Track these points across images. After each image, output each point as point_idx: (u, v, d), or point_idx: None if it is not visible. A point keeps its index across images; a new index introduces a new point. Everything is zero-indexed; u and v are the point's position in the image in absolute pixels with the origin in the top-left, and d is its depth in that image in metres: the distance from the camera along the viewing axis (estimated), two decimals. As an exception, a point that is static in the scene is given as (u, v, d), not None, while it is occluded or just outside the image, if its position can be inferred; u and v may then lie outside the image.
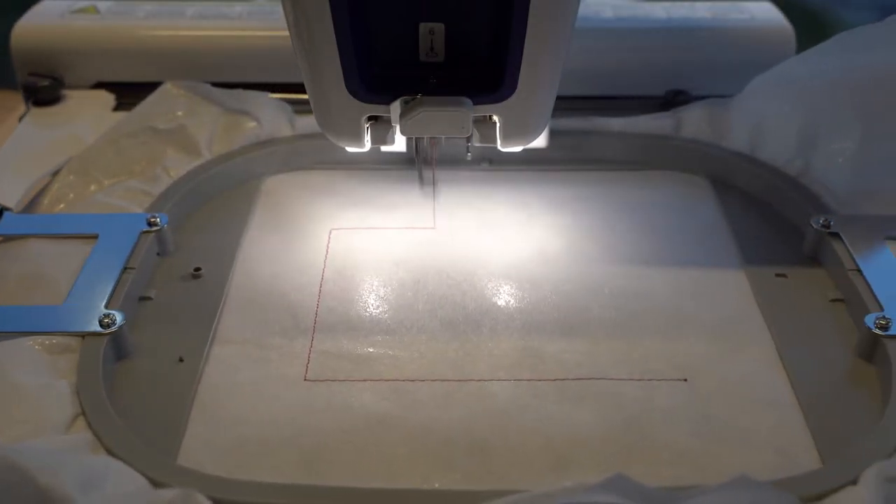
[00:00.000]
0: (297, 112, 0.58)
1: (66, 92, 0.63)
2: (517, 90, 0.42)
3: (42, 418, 0.37)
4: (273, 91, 0.60)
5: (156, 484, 0.34)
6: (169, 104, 0.57)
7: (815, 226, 0.48)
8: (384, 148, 0.46)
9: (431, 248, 0.50)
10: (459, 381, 0.41)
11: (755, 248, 0.50)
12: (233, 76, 0.61)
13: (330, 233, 0.51)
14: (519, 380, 0.41)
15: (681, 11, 0.65)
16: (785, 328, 0.44)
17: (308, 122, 0.57)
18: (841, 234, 0.47)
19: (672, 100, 0.62)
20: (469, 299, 0.46)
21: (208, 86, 0.58)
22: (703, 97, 0.59)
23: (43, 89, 0.62)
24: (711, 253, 0.50)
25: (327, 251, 0.50)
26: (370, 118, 0.45)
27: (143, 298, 0.46)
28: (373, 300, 0.46)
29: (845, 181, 0.51)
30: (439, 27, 0.43)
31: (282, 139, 0.57)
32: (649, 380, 0.41)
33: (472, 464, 0.37)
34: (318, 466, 0.37)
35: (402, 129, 0.43)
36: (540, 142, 0.49)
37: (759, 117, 0.56)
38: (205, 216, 0.53)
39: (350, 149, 0.47)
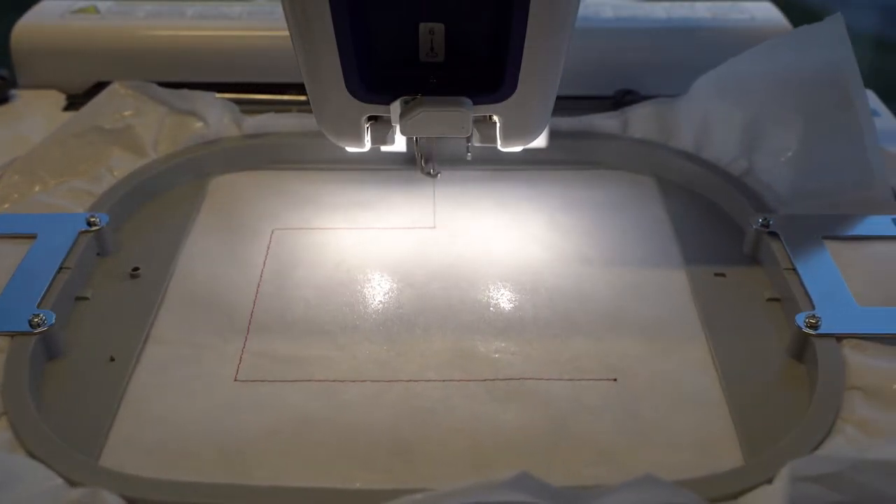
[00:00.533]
0: (251, 113, 0.58)
1: (15, 91, 0.63)
2: (517, 90, 0.43)
3: None
4: (277, 91, 0.61)
5: (73, 484, 0.34)
6: (116, 104, 0.57)
7: (754, 225, 0.49)
8: (384, 148, 0.46)
9: (371, 248, 0.50)
10: (389, 381, 0.42)
11: (697, 248, 0.50)
12: (233, 76, 0.62)
13: (272, 233, 0.51)
14: (448, 380, 0.42)
15: (681, 11, 0.66)
16: (720, 327, 0.44)
17: (255, 123, 0.57)
18: (779, 234, 0.48)
19: (621, 99, 0.62)
20: (405, 299, 0.46)
21: (156, 86, 0.58)
22: (651, 97, 0.59)
23: None
24: (653, 252, 0.50)
25: (268, 252, 0.50)
26: (370, 118, 0.45)
27: (80, 298, 0.46)
28: (309, 301, 0.46)
29: (787, 181, 0.52)
30: (439, 27, 0.43)
31: (228, 139, 0.57)
32: (579, 379, 0.42)
33: (396, 464, 0.37)
34: (239, 466, 0.37)
35: (402, 129, 0.43)
36: (540, 142, 0.49)
37: (704, 117, 0.56)
38: (148, 216, 0.53)
39: (350, 149, 0.47)
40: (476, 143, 0.46)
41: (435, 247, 0.50)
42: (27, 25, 0.64)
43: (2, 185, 0.52)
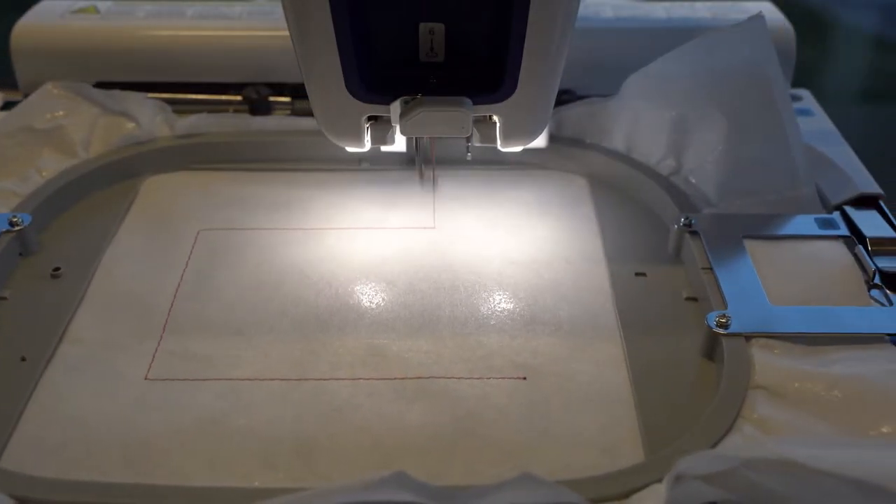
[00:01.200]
0: (183, 113, 0.58)
1: None
2: (517, 90, 0.43)
3: None
4: (278, 91, 0.61)
5: None
6: (49, 105, 0.57)
7: (677, 225, 0.49)
8: (384, 148, 0.47)
9: (294, 249, 0.50)
10: (298, 380, 0.42)
11: (622, 248, 0.50)
12: (233, 76, 0.62)
13: (198, 234, 0.51)
14: (357, 379, 0.42)
15: (681, 11, 0.65)
16: (635, 326, 0.45)
17: (187, 123, 0.57)
18: (700, 233, 0.48)
19: (558, 98, 0.62)
20: (322, 299, 0.46)
21: (89, 86, 0.58)
22: (586, 96, 0.59)
23: None
24: (578, 252, 0.50)
25: (192, 252, 0.50)
26: (370, 118, 0.45)
27: None
28: (227, 302, 0.46)
29: (713, 180, 0.52)
30: (439, 27, 0.43)
31: (159, 139, 0.57)
32: (488, 378, 0.42)
33: (297, 463, 0.37)
34: (141, 465, 0.37)
35: (401, 129, 0.43)
36: (540, 142, 0.49)
37: (634, 116, 0.56)
38: (75, 217, 0.53)
39: (350, 149, 0.47)
40: (476, 143, 0.46)
41: (354, 248, 0.50)
42: (27, 25, 0.63)
43: None
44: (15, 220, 0.48)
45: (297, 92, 0.61)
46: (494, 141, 0.46)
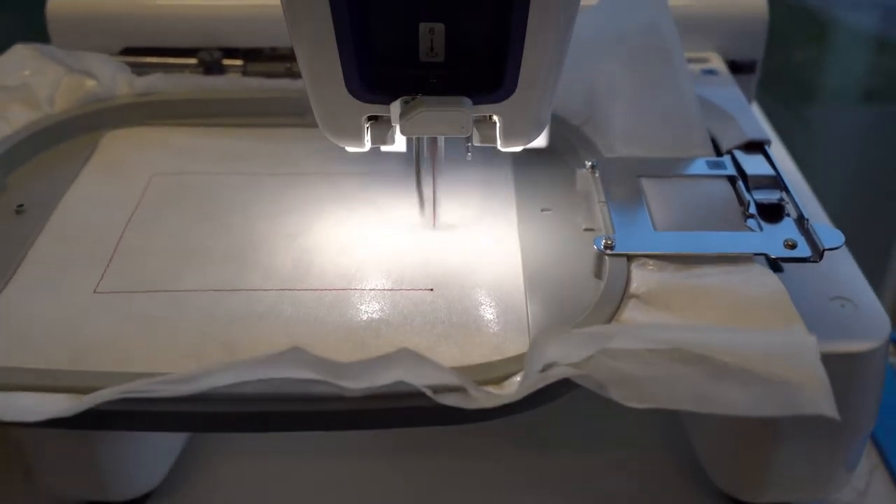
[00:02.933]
0: (138, 74, 0.63)
1: None
2: (517, 90, 0.44)
3: None
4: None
5: None
6: (18, 64, 0.62)
7: (583, 168, 0.54)
8: (384, 148, 0.48)
9: (235, 191, 0.55)
10: (230, 290, 0.47)
11: (532, 190, 0.55)
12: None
13: (150, 178, 0.56)
14: (283, 289, 0.47)
15: None
16: (535, 252, 0.49)
17: (146, 82, 0.63)
18: (601, 173, 0.53)
19: None
20: (259, 226, 0.52)
21: (54, 48, 0.63)
22: None
23: None
24: (491, 193, 0.55)
25: (144, 192, 0.55)
26: (370, 118, 0.46)
27: None
28: (173, 230, 0.51)
29: (618, 129, 0.57)
30: (439, 27, 0.44)
31: (119, 97, 0.62)
32: (398, 290, 0.47)
33: (221, 356, 0.42)
34: (82, 361, 0.42)
35: (401, 129, 0.44)
36: (540, 142, 0.50)
37: None
38: (39, 164, 0.57)
39: (350, 149, 0.48)
40: (476, 143, 0.47)
41: (294, 191, 0.55)
42: None
43: None
44: None
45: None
46: (494, 141, 0.47)
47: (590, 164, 0.54)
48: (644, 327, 0.41)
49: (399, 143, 0.49)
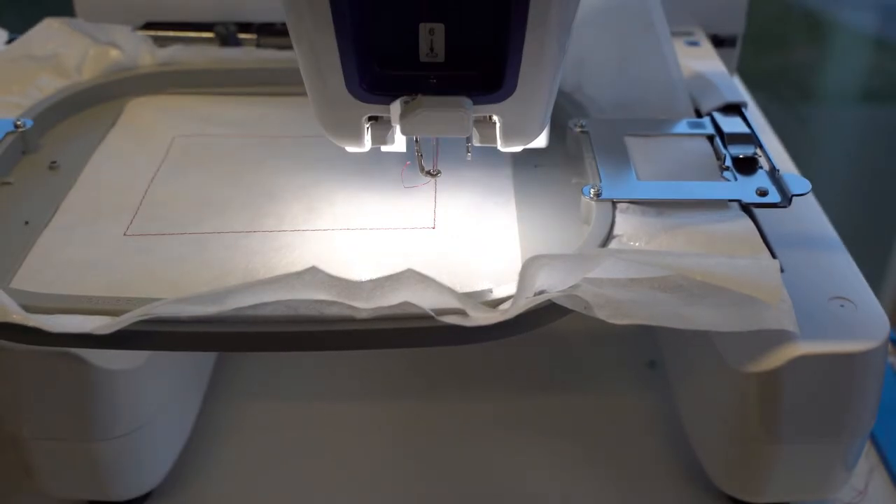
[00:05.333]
0: (163, 45, 0.66)
1: None
2: (517, 90, 0.44)
3: None
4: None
5: None
6: (47, 36, 0.65)
7: (573, 128, 0.56)
8: (384, 148, 0.48)
9: (252, 150, 0.58)
10: (249, 232, 0.49)
11: (526, 149, 0.56)
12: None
13: (173, 139, 0.59)
14: (297, 230, 0.49)
15: None
16: (528, 203, 0.52)
17: (167, 53, 0.65)
18: (590, 133, 0.55)
19: None
20: (276, 179, 0.54)
21: (81, 21, 0.67)
22: None
23: None
24: (490, 151, 0.55)
25: (168, 151, 0.58)
26: (370, 118, 0.46)
27: (3, 183, 0.53)
28: (195, 182, 0.54)
29: (606, 95, 0.60)
30: (439, 27, 0.43)
31: (142, 67, 0.65)
32: (403, 228, 0.49)
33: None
34: (122, 292, 0.44)
35: (401, 129, 0.44)
36: (540, 142, 0.50)
37: None
38: (70, 126, 0.60)
39: (350, 149, 0.48)
40: (476, 143, 0.47)
41: (307, 151, 0.57)
42: None
43: None
44: (19, 123, 0.56)
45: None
46: (494, 141, 0.47)
47: (579, 124, 0.56)
48: (627, 251, 0.44)
49: (399, 143, 0.49)
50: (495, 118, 0.46)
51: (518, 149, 0.49)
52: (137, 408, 0.49)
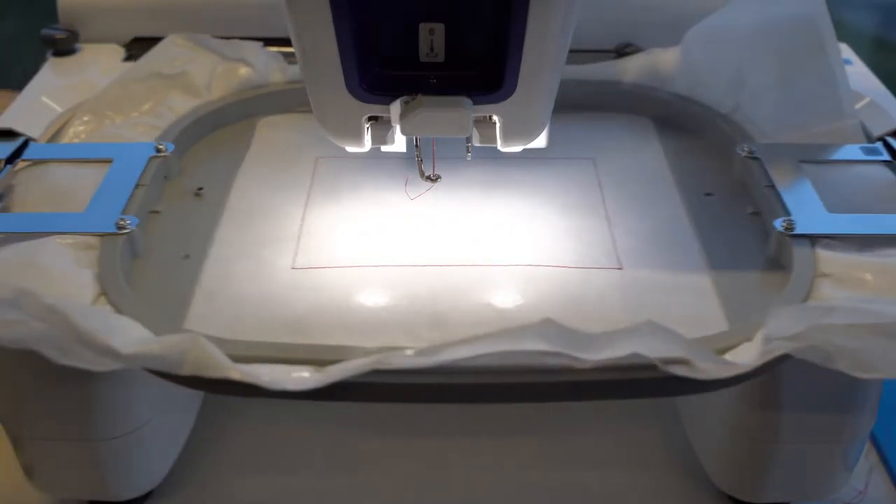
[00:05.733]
0: (290, 62, 0.65)
1: (79, 45, 0.71)
2: (517, 90, 0.44)
3: (68, 297, 0.43)
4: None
5: None
6: (172, 53, 0.64)
7: (740, 152, 0.55)
8: (384, 148, 0.48)
9: (403, 169, 0.56)
10: (424, 266, 0.48)
11: (689, 175, 0.57)
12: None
13: (316, 160, 0.59)
14: (475, 265, 0.48)
15: None
16: (708, 234, 0.52)
17: (297, 69, 0.64)
18: (761, 159, 0.55)
19: (622, 52, 0.69)
20: (441, 206, 0.53)
21: (208, 37, 0.66)
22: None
23: (60, 41, 0.70)
24: (650, 178, 0.57)
25: (314, 174, 0.57)
26: (370, 118, 0.46)
27: (153, 212, 0.53)
28: (351, 208, 0.53)
29: (768, 116, 0.59)
30: (439, 27, 0.44)
31: (274, 84, 0.64)
32: (589, 268, 0.49)
33: (434, 332, 0.44)
34: (301, 336, 0.44)
35: (401, 129, 0.45)
36: (540, 141, 0.50)
37: (695, 63, 0.63)
38: (206, 148, 0.60)
39: (350, 148, 0.48)
40: (476, 144, 0.48)
41: (457, 168, 0.56)
42: None
43: (75, 122, 0.59)
44: (160, 147, 0.56)
45: None
46: (494, 141, 0.47)
47: (747, 149, 0.55)
48: (867, 300, 0.43)
49: (399, 143, 0.49)
50: (495, 118, 0.46)
51: (518, 149, 0.49)
52: (137, 408, 0.48)
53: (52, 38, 0.70)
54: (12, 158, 0.55)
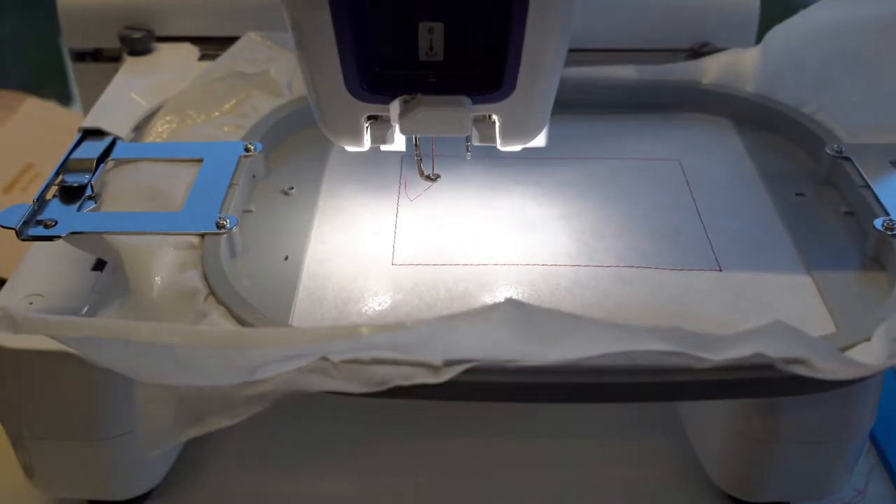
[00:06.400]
0: None
1: (155, 44, 0.71)
2: (517, 90, 0.44)
3: (176, 304, 0.44)
4: None
5: None
6: (251, 52, 0.64)
7: (829, 152, 0.55)
8: (384, 147, 0.48)
9: (503, 171, 0.57)
10: (526, 265, 0.48)
11: (776, 175, 0.57)
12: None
13: (402, 158, 0.58)
14: (578, 265, 0.48)
15: None
16: (802, 235, 0.51)
17: None
18: (852, 158, 0.54)
19: (699, 51, 0.69)
20: (539, 209, 0.53)
21: (283, 34, 0.63)
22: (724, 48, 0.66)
23: (137, 40, 0.70)
24: (736, 179, 0.57)
25: (401, 171, 0.57)
26: (370, 118, 0.46)
27: (246, 212, 0.53)
28: (445, 204, 0.53)
29: (855, 116, 0.58)
30: (439, 26, 0.44)
31: None
32: (689, 269, 0.49)
33: None
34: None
35: (401, 129, 0.45)
36: (539, 141, 0.50)
37: (777, 63, 0.63)
38: (291, 147, 0.60)
39: (350, 148, 0.48)
40: (475, 143, 0.48)
41: (546, 167, 0.57)
42: None
43: (158, 122, 0.59)
44: (249, 146, 0.56)
45: None
46: (494, 140, 0.47)
47: (835, 148, 0.55)
48: None
49: (399, 143, 0.49)
50: (495, 117, 0.46)
51: (517, 148, 0.49)
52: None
53: (130, 37, 0.70)
54: (103, 158, 0.55)
